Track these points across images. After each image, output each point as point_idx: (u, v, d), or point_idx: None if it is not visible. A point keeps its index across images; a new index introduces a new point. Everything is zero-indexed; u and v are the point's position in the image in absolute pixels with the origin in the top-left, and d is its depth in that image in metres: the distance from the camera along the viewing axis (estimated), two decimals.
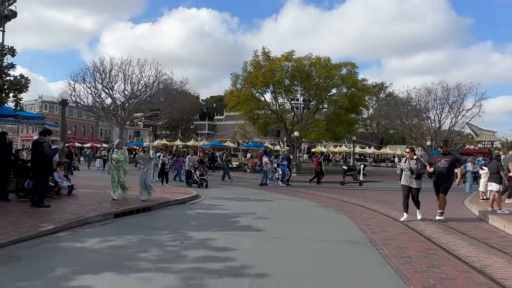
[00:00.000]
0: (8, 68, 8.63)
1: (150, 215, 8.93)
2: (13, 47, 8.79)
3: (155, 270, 4.58)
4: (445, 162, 8.28)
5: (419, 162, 8.20)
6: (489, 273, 4.66)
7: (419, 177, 8.15)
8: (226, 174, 20.29)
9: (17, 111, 9.42)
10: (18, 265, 4.70)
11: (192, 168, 16.39)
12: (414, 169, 8.02)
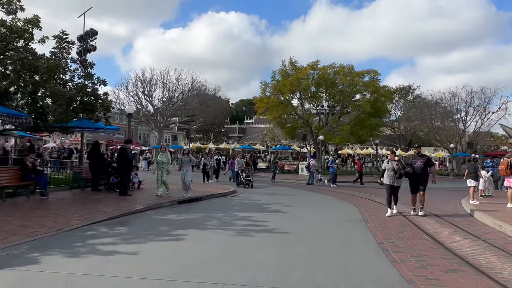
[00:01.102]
0: (103, 95, 11.92)
1: (203, 203, 11.87)
2: (104, 79, 12.08)
3: (218, 229, 7.42)
4: (420, 162, 9.40)
5: (400, 163, 9.47)
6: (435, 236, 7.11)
7: (401, 176, 9.30)
8: (274, 175, 22.68)
9: (107, 126, 12.77)
10: (134, 225, 7.69)
11: (239, 170, 18.17)
12: (396, 169, 9.19)
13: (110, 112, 12.69)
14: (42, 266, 4.71)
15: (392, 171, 9.30)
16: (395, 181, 9.33)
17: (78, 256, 5.21)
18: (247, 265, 5.01)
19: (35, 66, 10.71)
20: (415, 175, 9.36)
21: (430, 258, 5.46)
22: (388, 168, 9.43)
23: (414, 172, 9.35)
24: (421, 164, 9.42)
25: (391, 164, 9.41)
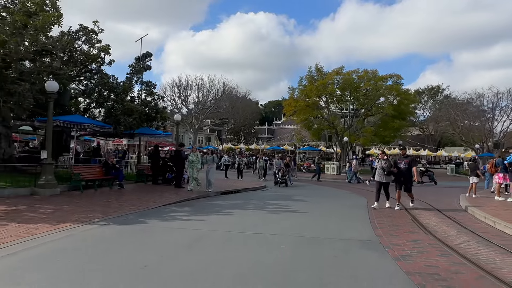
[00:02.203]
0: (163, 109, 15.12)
1: (240, 194, 14.75)
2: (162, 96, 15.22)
3: (255, 209, 10.24)
4: (405, 163, 10.47)
5: (387, 162, 10.38)
6: (417, 217, 9.54)
7: (389, 174, 10.33)
8: (318, 174, 24.32)
9: (164, 132, 15.99)
10: (195, 206, 10.66)
11: (276, 170, 19.55)
12: (384, 167, 10.25)
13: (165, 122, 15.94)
14: (149, 224, 7.72)
15: (381, 169, 10.38)
16: (384, 178, 10.45)
17: (167, 220, 8.20)
18: (276, 227, 7.78)
19: (114, 87, 14.06)
20: (400, 174, 10.43)
21: (402, 227, 7.99)
22: (378, 167, 10.55)
23: (398, 172, 10.40)
24: (405, 164, 10.44)
25: (381, 163, 10.47)
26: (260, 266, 4.94)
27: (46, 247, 5.63)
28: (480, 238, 7.03)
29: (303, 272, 4.74)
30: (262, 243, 6.28)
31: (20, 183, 11.55)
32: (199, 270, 4.73)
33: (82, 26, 15.04)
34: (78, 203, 9.95)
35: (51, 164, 11.41)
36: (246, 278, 4.43)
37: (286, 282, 4.31)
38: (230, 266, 4.89)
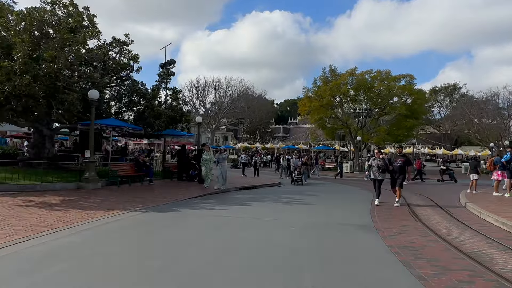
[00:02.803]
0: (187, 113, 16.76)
1: (257, 190, 16.18)
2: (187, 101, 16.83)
3: (270, 202, 11.66)
4: (400, 161, 10.92)
5: (383, 161, 10.88)
6: (414, 210, 10.76)
7: (384, 171, 10.89)
8: (340, 173, 25.35)
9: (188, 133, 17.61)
10: (218, 199, 12.16)
11: (293, 169, 19.95)
12: (380, 165, 10.78)
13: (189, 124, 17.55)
14: (182, 211, 9.25)
15: (376, 167, 10.95)
16: (379, 175, 11.07)
17: (196, 209, 9.72)
18: (288, 215, 9.20)
19: (144, 93, 15.76)
20: (394, 172, 10.95)
21: (398, 216, 9.26)
22: (374, 165, 11.09)
23: (393, 170, 10.90)
24: (400, 163, 10.90)
25: (376, 162, 11.02)
26: (274, 241, 6.37)
27: (107, 227, 7.21)
28: (462, 225, 8.25)
29: (307, 244, 6.14)
30: (276, 226, 7.70)
31: (67, 179, 13.34)
32: (228, 243, 6.21)
33: (115, 38, 16.78)
34: (118, 196, 11.61)
35: (93, 162, 13.16)
36: (263, 248, 5.87)
37: (293, 250, 5.72)
38: (250, 241, 6.34)
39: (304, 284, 4.21)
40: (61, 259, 4.99)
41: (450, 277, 4.49)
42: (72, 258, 5.06)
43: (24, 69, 10.65)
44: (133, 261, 5.08)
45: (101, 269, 4.62)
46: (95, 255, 5.25)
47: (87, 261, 4.96)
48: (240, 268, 4.76)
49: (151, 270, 4.59)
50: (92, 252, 5.41)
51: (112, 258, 5.14)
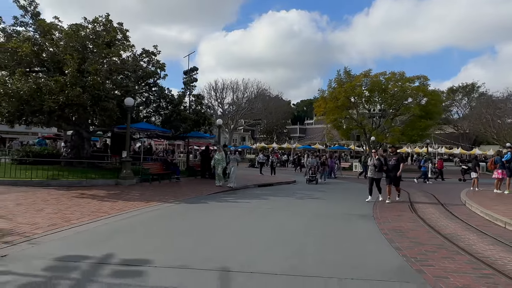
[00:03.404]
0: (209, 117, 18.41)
1: (273, 187, 17.65)
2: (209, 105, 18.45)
3: (285, 196, 13.12)
4: (394, 160, 11.79)
5: (379, 160, 11.69)
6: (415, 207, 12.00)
7: (380, 170, 11.60)
8: (364, 172, 25.20)
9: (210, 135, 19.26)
10: (239, 194, 13.70)
11: (308, 168, 20.48)
12: (376, 165, 11.55)
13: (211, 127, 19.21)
14: (209, 203, 10.83)
15: (373, 166, 11.76)
16: (376, 174, 11.86)
17: (221, 202, 11.28)
18: (300, 207, 10.64)
19: (171, 99, 17.51)
20: (389, 170, 11.72)
21: (397, 209, 10.55)
22: (370, 164, 11.97)
23: (388, 168, 11.66)
24: (394, 161, 11.70)
25: (373, 161, 11.92)
26: (287, 226, 7.84)
27: (150, 214, 8.84)
28: (452, 216, 9.50)
29: (313, 228, 7.59)
30: (289, 215, 9.17)
31: (106, 176, 15.17)
32: (249, 227, 7.73)
33: (145, 49, 18.60)
34: (152, 190, 13.31)
35: (129, 161, 14.92)
36: (277, 230, 7.35)
37: (302, 232, 7.18)
38: (268, 226, 7.84)
39: (307, 252, 5.67)
40: (125, 232, 6.62)
41: (420, 248, 5.86)
42: (132, 232, 6.68)
43: (74, 82, 12.48)
44: (177, 234, 6.66)
45: (154, 239, 6.20)
46: (148, 231, 6.86)
47: (144, 234, 6.57)
48: (259, 243, 6.26)
49: (192, 244, 6.15)
50: (145, 229, 7.03)
51: (160, 233, 6.74)
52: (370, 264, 5.04)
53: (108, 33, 16.60)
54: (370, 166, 12.12)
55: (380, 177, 12.05)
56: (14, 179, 12.65)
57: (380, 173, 11.95)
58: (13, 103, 12.00)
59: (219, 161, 15.70)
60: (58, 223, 7.07)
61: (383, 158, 12.08)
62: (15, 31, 15.29)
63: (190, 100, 19.33)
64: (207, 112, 19.27)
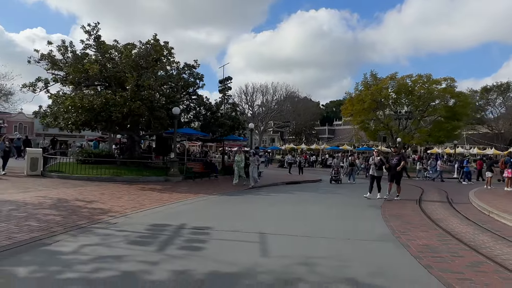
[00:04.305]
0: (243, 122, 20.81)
1: (300, 185, 19.70)
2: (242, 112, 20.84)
3: (311, 191, 15.20)
4: (396, 160, 12.57)
5: (380, 160, 12.64)
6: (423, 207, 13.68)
7: (380, 169, 12.43)
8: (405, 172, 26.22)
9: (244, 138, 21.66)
10: (269, 189, 15.92)
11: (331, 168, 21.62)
12: (377, 163, 12.50)
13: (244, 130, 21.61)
14: (245, 196, 13.12)
15: (374, 165, 12.63)
16: (376, 172, 12.69)
17: (255, 195, 13.54)
18: (323, 199, 12.69)
19: (210, 107, 20.09)
20: (391, 169, 12.57)
21: (403, 203, 12.34)
22: (372, 163, 12.91)
23: (390, 167, 12.50)
24: (396, 160, 12.48)
25: (374, 160, 12.84)
26: (309, 210, 9.96)
27: (200, 202, 11.23)
28: (452, 208, 11.20)
29: (329, 212, 9.67)
30: (310, 204, 11.27)
31: (156, 174, 17.89)
32: (280, 211, 9.93)
33: (187, 63, 21.30)
34: (197, 186, 15.81)
35: (176, 161, 17.56)
36: (302, 213, 9.50)
37: (319, 215, 9.28)
38: (293, 210, 10.00)
39: (320, 225, 7.79)
40: (187, 212, 9.02)
41: (407, 226, 7.82)
42: (192, 212, 9.08)
43: (134, 96, 15.23)
44: (226, 214, 8.96)
45: (210, 216, 8.53)
46: (204, 212, 9.24)
47: (202, 213, 8.95)
48: (285, 220, 8.44)
49: (237, 220, 8.44)
50: (201, 211, 9.43)
51: (213, 213, 9.09)
52: (365, 233, 7.10)
53: (156, 51, 19.39)
54: (371, 165, 12.94)
55: (381, 175, 12.81)
56: (88, 176, 15.58)
57: (380, 171, 12.71)
58: (88, 114, 14.92)
59: (238, 162, 16.99)
60: (137, 206, 9.60)
61: (385, 157, 13.31)
62: (83, 53, 18.37)
63: (226, 108, 21.82)
64: (241, 118, 21.66)
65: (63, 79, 18.44)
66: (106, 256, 5.03)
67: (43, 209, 8.37)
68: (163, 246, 5.71)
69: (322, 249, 5.80)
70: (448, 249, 5.97)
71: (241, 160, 16.91)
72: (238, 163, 16.88)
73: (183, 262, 4.90)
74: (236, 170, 16.77)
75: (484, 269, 4.93)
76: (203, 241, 6.12)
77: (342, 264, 4.94)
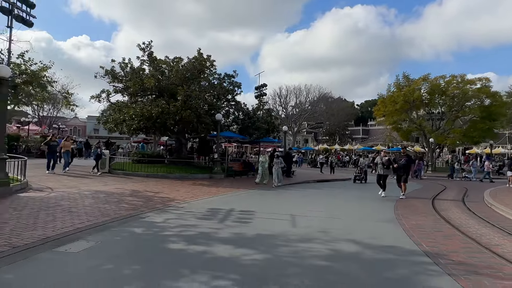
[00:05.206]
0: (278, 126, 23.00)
1: (330, 183, 21.53)
2: (276, 116, 23.05)
3: (339, 188, 17.09)
4: (404, 160, 13.36)
5: (388, 160, 13.44)
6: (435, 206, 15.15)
7: (388, 168, 13.19)
8: (452, 174, 27.34)
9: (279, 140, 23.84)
10: (302, 186, 17.97)
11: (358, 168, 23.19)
12: (384, 162, 13.25)
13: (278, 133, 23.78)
14: (278, 191, 15.29)
15: (381, 164, 13.47)
16: (384, 171, 13.50)
17: (287, 190, 15.66)
18: (347, 194, 14.59)
19: (247, 112, 22.51)
20: (399, 169, 13.29)
21: (417, 199, 13.93)
22: (379, 163, 13.69)
23: (398, 167, 13.23)
24: (404, 161, 13.28)
25: (381, 160, 13.62)
26: (332, 201, 11.96)
27: (243, 195, 13.54)
28: (461, 204, 12.70)
29: (353, 204, 11.62)
30: (335, 197, 13.25)
31: (202, 171, 20.50)
32: (310, 201, 12.03)
33: (227, 73, 23.80)
34: (237, 182, 18.19)
35: (219, 161, 20.07)
36: (325, 203, 11.52)
37: (343, 204, 11.25)
38: (321, 202, 12.04)
39: (341, 211, 9.80)
40: (234, 201, 11.34)
41: (411, 212, 9.63)
42: (238, 201, 11.39)
43: (184, 105, 17.89)
44: (264, 203, 11.18)
45: (252, 204, 10.77)
46: (247, 201, 11.53)
47: (246, 202, 11.23)
48: (312, 207, 10.51)
49: (274, 207, 10.65)
50: (245, 200, 11.73)
51: (254, 202, 11.34)
52: (374, 217, 9.05)
53: (200, 64, 22.04)
54: (378, 164, 13.76)
55: (388, 174, 13.56)
56: (146, 173, 18.47)
57: (388, 170, 13.48)
58: (147, 122, 17.82)
59: (262, 163, 18.06)
60: (193, 196, 12.08)
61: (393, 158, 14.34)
62: (139, 68, 21.40)
63: (262, 113, 24.12)
64: (275, 122, 23.89)
65: (122, 90, 21.59)
66: (185, 225, 7.42)
67: (126, 196, 11.05)
68: (222, 220, 8.04)
69: (336, 225, 7.86)
70: (435, 227, 7.81)
71: (265, 161, 18.08)
72: (263, 163, 18.01)
73: (237, 229, 7.17)
74: (260, 170, 17.83)
75: (454, 239, 6.77)
76: (249, 219, 8.38)
77: (348, 232, 6.99)
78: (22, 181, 11.51)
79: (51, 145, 16.86)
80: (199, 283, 4.10)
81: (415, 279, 4.43)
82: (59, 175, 15.86)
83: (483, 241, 6.59)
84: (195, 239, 6.21)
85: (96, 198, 10.29)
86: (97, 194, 11.10)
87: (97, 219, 7.46)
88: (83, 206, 8.88)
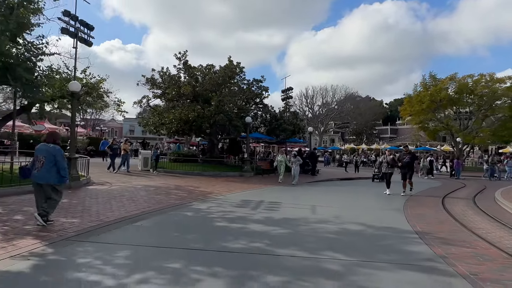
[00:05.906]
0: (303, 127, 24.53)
1: (353, 181, 22.79)
2: (301, 118, 24.58)
3: (359, 186, 18.42)
4: (408, 158, 13.87)
5: (392, 159, 14.14)
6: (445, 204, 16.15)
7: (393, 166, 13.96)
8: (492, 174, 27.46)
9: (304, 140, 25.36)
10: (323, 185, 19.44)
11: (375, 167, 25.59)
12: (389, 161, 14.06)
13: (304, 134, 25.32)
14: (304, 187, 16.86)
15: (386, 163, 14.36)
16: (388, 169, 14.26)
17: (312, 186, 17.21)
18: (366, 190, 15.95)
19: (275, 115, 24.17)
20: (404, 167, 13.85)
21: (426, 193, 15.05)
22: (383, 161, 14.81)
23: (402, 165, 13.80)
24: (408, 159, 13.82)
25: (386, 159, 14.60)
26: (352, 197, 13.42)
27: (270, 189, 15.21)
28: (469, 200, 13.75)
29: (368, 198, 13.04)
30: (354, 191, 14.65)
31: (232, 170, 22.39)
32: (331, 196, 13.57)
33: (255, 79, 25.59)
34: (265, 179, 19.91)
35: (249, 160, 21.89)
36: (344, 197, 13.01)
37: (359, 199, 12.71)
38: (340, 197, 13.53)
39: (356, 203, 11.28)
40: (263, 194, 13.04)
41: (418, 204, 10.96)
42: (267, 194, 13.09)
43: (217, 110, 19.85)
44: (290, 196, 12.82)
45: (279, 196, 12.42)
46: (275, 194, 13.21)
47: (273, 195, 12.92)
48: (331, 201, 12.05)
49: (297, 199, 12.28)
50: (273, 193, 13.43)
51: (281, 195, 13.01)
52: (383, 207, 10.49)
53: (231, 70, 23.95)
54: (383, 163, 14.64)
55: (392, 172, 14.29)
56: (184, 171, 20.60)
57: (392, 168, 14.21)
58: (185, 125, 19.95)
59: (281, 162, 18.78)
60: (228, 190, 13.91)
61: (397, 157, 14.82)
62: (175, 75, 23.62)
63: (288, 115, 25.74)
64: (301, 124, 25.45)
65: (160, 95, 23.90)
66: (225, 211, 9.23)
67: (172, 190, 13.06)
68: (254, 208, 9.79)
69: (348, 213, 9.40)
70: (435, 216, 9.16)
71: (283, 160, 18.76)
72: (281, 162, 18.76)
73: (267, 214, 8.88)
74: (279, 169, 18.73)
75: (447, 224, 8.15)
76: (277, 208, 10.08)
77: (357, 217, 8.54)
78: (87, 177, 13.81)
79: (114, 148, 19.30)
80: (241, 244, 5.85)
81: (398, 246, 5.95)
82: (110, 173, 18.25)
83: (470, 225, 7.93)
84: (234, 220, 7.99)
85: (148, 191, 12.35)
86: (148, 188, 13.18)
87: (155, 206, 9.42)
88: (141, 196, 10.92)
